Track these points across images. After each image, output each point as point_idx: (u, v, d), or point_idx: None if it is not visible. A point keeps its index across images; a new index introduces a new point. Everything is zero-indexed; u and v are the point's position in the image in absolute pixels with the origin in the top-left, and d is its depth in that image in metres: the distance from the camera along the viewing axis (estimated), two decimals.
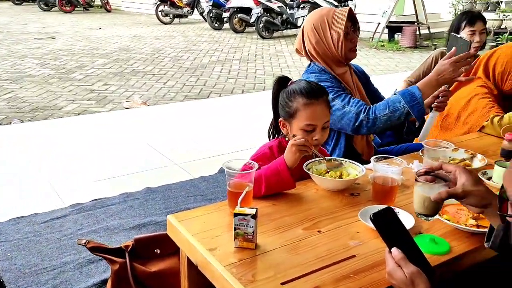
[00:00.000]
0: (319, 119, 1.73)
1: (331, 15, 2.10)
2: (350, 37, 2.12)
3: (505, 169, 1.73)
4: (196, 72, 7.32)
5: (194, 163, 3.54)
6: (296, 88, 1.74)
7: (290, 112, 1.74)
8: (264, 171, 1.61)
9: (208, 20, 12.92)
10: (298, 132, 1.73)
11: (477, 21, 3.14)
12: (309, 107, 1.71)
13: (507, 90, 2.41)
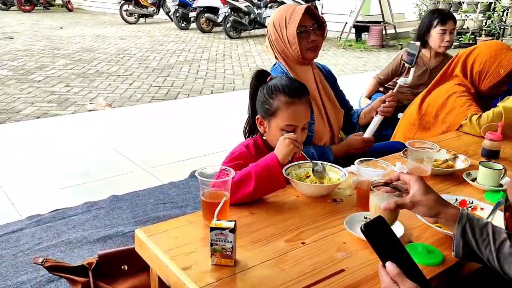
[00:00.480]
0: (300, 120, 1.63)
1: (290, 13, 2.03)
2: (307, 36, 2.03)
3: (490, 170, 1.69)
4: (163, 73, 7.11)
5: (163, 168, 3.37)
6: (278, 85, 1.63)
7: (270, 110, 1.63)
8: (253, 168, 1.49)
9: (174, 20, 12.67)
10: (277, 131, 1.63)
11: (448, 20, 3.16)
12: (291, 106, 1.61)
13: (484, 89, 2.37)
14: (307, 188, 1.56)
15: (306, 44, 2.03)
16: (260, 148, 1.71)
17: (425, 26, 3.21)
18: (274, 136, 1.64)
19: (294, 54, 2.04)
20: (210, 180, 1.36)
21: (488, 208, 1.45)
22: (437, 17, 3.16)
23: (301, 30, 2.01)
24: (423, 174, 1.64)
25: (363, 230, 1.04)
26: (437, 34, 3.16)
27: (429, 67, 3.28)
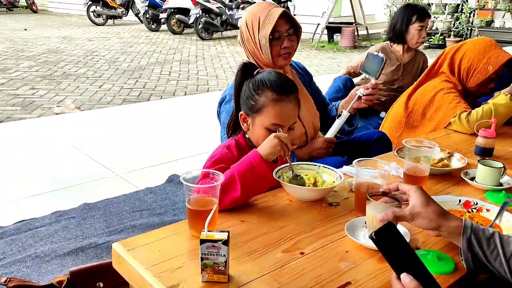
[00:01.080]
0: (287, 119, 1.51)
1: (265, 14, 1.90)
2: (281, 42, 1.91)
3: (490, 168, 1.61)
4: (134, 74, 6.88)
5: (138, 172, 3.18)
6: (266, 80, 1.50)
7: (256, 106, 1.50)
8: (236, 169, 1.36)
9: (144, 21, 12.38)
10: (261, 130, 1.50)
11: (426, 17, 3.16)
12: (279, 104, 1.48)
13: (471, 87, 2.32)
14: (301, 192, 1.44)
15: (279, 50, 1.92)
16: (242, 148, 1.57)
17: (404, 23, 3.17)
18: (258, 135, 1.52)
19: (265, 59, 1.94)
20: (197, 186, 1.22)
21: (494, 209, 1.36)
22: (414, 14, 3.14)
23: (275, 36, 1.89)
24: (421, 174, 1.55)
25: (374, 239, 0.93)
26: (416, 31, 3.16)
27: (402, 62, 3.29)
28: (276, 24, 1.86)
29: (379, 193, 1.22)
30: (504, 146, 2.00)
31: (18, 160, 3.41)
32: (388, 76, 3.27)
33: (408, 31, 3.17)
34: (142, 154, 3.54)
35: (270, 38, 1.87)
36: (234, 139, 1.61)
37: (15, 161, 3.39)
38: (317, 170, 1.56)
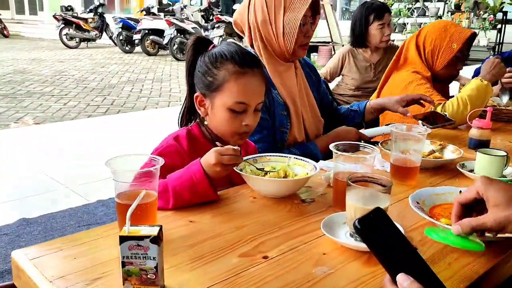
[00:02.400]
0: (253, 97, 1.23)
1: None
2: (306, 29, 1.64)
3: (492, 157, 1.37)
4: (103, 92, 6.58)
5: (90, 185, 2.86)
6: (225, 52, 1.23)
7: (215, 83, 1.22)
8: (172, 182, 1.09)
9: (118, 43, 12.13)
10: (223, 112, 1.23)
11: (385, 13, 2.93)
12: (243, 78, 1.21)
13: (440, 70, 2.14)
14: (267, 185, 1.16)
15: (302, 39, 1.63)
16: (196, 139, 1.29)
17: (361, 25, 2.93)
18: (220, 118, 1.25)
19: (285, 47, 1.62)
20: (127, 171, 0.93)
21: None
22: (371, 12, 2.91)
23: (304, 21, 1.60)
24: (411, 165, 1.29)
25: (358, 228, 0.66)
26: (376, 30, 2.91)
27: (372, 62, 3.06)
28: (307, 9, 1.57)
29: (360, 178, 0.96)
30: (502, 140, 1.78)
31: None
32: (359, 80, 3.05)
33: (369, 32, 2.92)
34: (96, 167, 3.21)
35: (301, 23, 1.58)
36: (187, 128, 1.33)
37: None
38: (288, 162, 1.29)
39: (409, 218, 1.06)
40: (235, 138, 1.26)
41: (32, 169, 3.22)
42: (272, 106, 1.62)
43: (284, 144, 1.66)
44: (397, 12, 9.52)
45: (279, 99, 1.64)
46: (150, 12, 12.52)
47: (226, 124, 1.24)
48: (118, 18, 12.16)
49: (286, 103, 1.65)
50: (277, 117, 1.63)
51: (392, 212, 1.09)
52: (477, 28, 8.91)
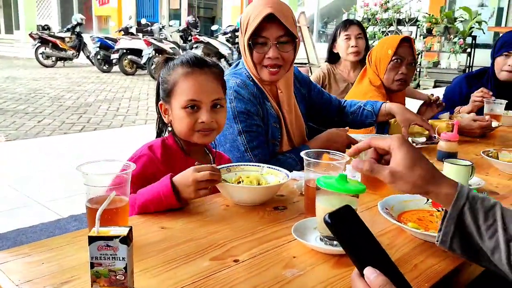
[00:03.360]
0: (204, 93, 1.27)
1: (255, 13, 1.54)
2: (266, 50, 1.56)
3: (458, 166, 1.41)
4: (79, 110, 6.51)
5: (63, 200, 2.80)
6: (177, 59, 1.31)
7: (168, 88, 1.28)
8: (140, 197, 1.11)
9: (95, 63, 12.05)
10: (179, 112, 1.27)
11: (351, 25, 2.99)
12: (190, 77, 1.26)
13: (386, 80, 2.24)
14: (240, 192, 1.17)
15: (261, 60, 1.57)
16: (169, 148, 1.32)
17: (332, 39, 3.01)
18: (178, 119, 1.28)
19: (249, 63, 1.61)
20: (95, 174, 0.93)
21: None
22: (339, 27, 2.99)
23: (257, 41, 1.55)
24: None
25: (329, 222, 0.68)
26: (343, 41, 2.93)
27: (349, 81, 3.10)
28: (261, 28, 1.52)
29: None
30: (467, 153, 1.84)
31: None
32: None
33: (337, 44, 2.98)
34: (70, 183, 3.17)
35: (249, 43, 1.54)
36: (162, 138, 1.35)
37: None
38: (261, 172, 1.31)
39: (379, 224, 1.08)
40: (196, 136, 1.29)
41: (2, 184, 3.14)
42: (266, 118, 1.64)
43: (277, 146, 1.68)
44: (372, 35, 9.77)
45: (272, 111, 1.66)
46: (129, 32, 12.53)
47: (183, 123, 1.27)
48: (96, 37, 12.11)
49: (278, 115, 1.68)
50: (270, 129, 1.65)
51: (363, 218, 1.09)
52: (448, 51, 9.21)
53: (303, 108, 1.84)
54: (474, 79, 2.68)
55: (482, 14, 9.49)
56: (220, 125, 1.32)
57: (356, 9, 10.77)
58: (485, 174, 1.56)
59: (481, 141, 2.07)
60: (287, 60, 1.59)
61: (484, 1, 10.25)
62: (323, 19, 14.27)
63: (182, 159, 1.31)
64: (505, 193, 1.37)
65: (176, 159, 1.30)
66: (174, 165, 1.27)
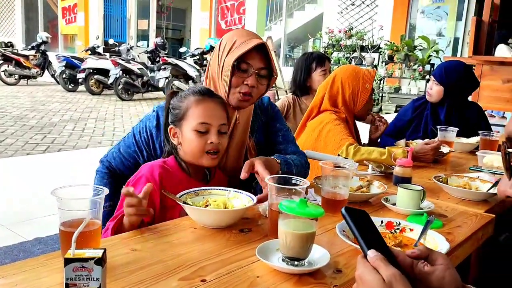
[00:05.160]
0: (214, 118, 1.45)
1: (242, 40, 1.58)
2: (246, 76, 1.58)
3: (410, 191, 1.52)
4: (43, 130, 6.40)
5: (27, 223, 2.77)
6: (189, 90, 1.52)
7: (180, 113, 1.47)
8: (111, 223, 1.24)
9: (60, 82, 11.88)
10: (191, 135, 1.44)
11: (326, 61, 3.15)
12: (202, 103, 1.46)
13: (359, 108, 2.40)
14: (207, 215, 1.24)
15: (240, 84, 1.58)
16: (168, 170, 1.44)
17: (304, 73, 3.08)
18: (189, 141, 1.46)
19: (222, 86, 1.60)
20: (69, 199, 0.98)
21: (417, 229, 1.25)
22: (314, 60, 3.09)
23: (242, 67, 1.57)
24: (340, 198, 1.42)
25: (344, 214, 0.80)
26: (319, 76, 3.06)
27: None
28: (248, 55, 1.56)
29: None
30: (421, 178, 1.96)
31: None
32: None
33: (312, 79, 3.06)
34: (35, 205, 3.13)
35: (234, 64, 1.55)
36: (163, 160, 1.50)
37: None
38: (228, 196, 1.38)
39: (337, 245, 1.16)
40: (205, 157, 1.45)
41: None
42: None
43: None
44: (337, 60, 10.09)
45: None
46: (96, 51, 12.45)
47: (194, 144, 1.44)
48: (61, 56, 11.96)
49: None
50: None
51: (322, 240, 1.20)
52: (409, 78, 9.61)
53: (261, 136, 1.81)
54: (418, 103, 2.95)
55: (439, 43, 9.98)
56: (223, 148, 1.49)
57: (321, 35, 11.13)
58: (436, 197, 1.68)
59: (434, 166, 2.21)
60: (259, 92, 1.63)
61: (442, 31, 10.79)
62: (290, 44, 14.62)
63: (185, 179, 1.45)
64: (453, 215, 1.48)
65: (177, 179, 1.43)
66: (175, 184, 1.40)
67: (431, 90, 2.79)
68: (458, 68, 2.74)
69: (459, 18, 10.53)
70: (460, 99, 2.79)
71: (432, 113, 2.81)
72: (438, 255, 0.79)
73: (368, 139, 2.58)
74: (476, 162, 2.28)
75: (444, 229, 1.34)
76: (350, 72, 2.38)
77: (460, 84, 2.71)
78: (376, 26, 10.74)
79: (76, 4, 16.84)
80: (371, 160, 2.09)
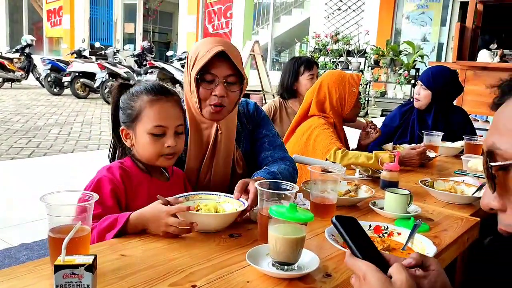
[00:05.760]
0: (170, 120, 1.37)
1: (205, 50, 1.52)
2: (213, 87, 1.53)
3: (397, 195, 1.54)
4: (28, 134, 6.32)
5: (12, 228, 2.73)
6: (141, 87, 1.40)
7: (133, 114, 1.37)
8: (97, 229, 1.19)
9: (45, 85, 11.73)
10: (145, 137, 1.36)
11: (314, 65, 3.19)
12: (157, 104, 1.36)
13: (347, 112, 2.42)
14: (198, 219, 1.23)
15: (208, 96, 1.54)
16: (127, 170, 1.38)
17: (292, 76, 3.12)
18: (143, 144, 1.37)
19: (193, 101, 1.57)
20: (58, 205, 0.97)
21: (405, 233, 1.27)
22: (302, 64, 3.13)
23: (206, 78, 1.53)
24: (329, 202, 1.43)
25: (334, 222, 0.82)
26: (307, 80, 3.10)
27: None
28: (212, 66, 1.51)
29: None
30: (408, 182, 1.99)
31: None
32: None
33: (299, 83, 3.10)
34: (20, 210, 3.09)
35: (197, 78, 1.51)
36: (119, 161, 1.42)
37: None
38: (218, 200, 1.38)
39: (326, 249, 1.17)
40: (161, 160, 1.38)
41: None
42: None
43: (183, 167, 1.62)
44: (323, 65, 10.16)
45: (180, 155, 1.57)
46: (82, 55, 12.33)
47: (149, 148, 1.36)
48: (46, 59, 11.83)
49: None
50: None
51: (312, 244, 1.21)
52: (394, 82, 9.72)
53: (248, 145, 1.78)
54: (405, 108, 2.98)
55: (424, 49, 10.11)
56: (180, 149, 1.41)
57: (308, 40, 11.20)
58: (423, 201, 1.70)
59: (420, 170, 2.24)
60: (232, 100, 1.58)
61: (426, 36, 10.94)
62: (277, 48, 14.69)
63: (145, 179, 1.39)
64: (439, 219, 1.50)
65: (136, 179, 1.38)
66: (136, 184, 1.36)
67: (418, 95, 2.82)
68: (445, 73, 2.79)
69: (443, 24, 10.70)
70: (446, 104, 2.84)
71: (418, 118, 2.85)
72: (431, 261, 0.81)
73: (358, 144, 2.60)
74: (461, 166, 2.32)
75: (431, 232, 1.36)
76: (336, 77, 2.40)
77: (446, 89, 2.76)
78: (362, 31, 10.84)
79: (61, 6, 16.68)
80: (359, 164, 2.11)
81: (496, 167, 0.66)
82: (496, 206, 0.69)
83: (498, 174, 0.67)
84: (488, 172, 0.67)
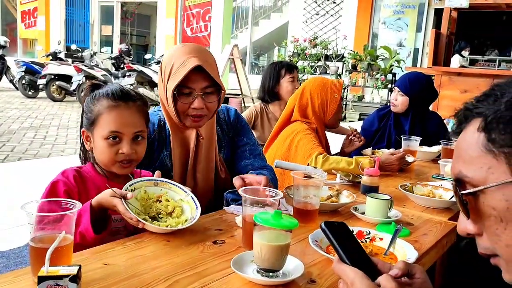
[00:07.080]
0: (126, 126, 1.35)
1: (179, 62, 1.52)
2: (191, 100, 1.55)
3: (378, 200, 1.57)
4: (2, 138, 6.17)
5: None
6: (102, 90, 1.38)
7: (92, 118, 1.36)
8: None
9: (20, 88, 11.46)
10: (101, 143, 1.34)
11: (294, 69, 3.25)
12: (114, 110, 1.34)
13: (329, 118, 2.45)
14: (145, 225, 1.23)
15: (186, 109, 1.56)
16: (82, 174, 1.37)
17: (273, 79, 3.16)
18: (99, 149, 1.36)
19: (171, 112, 1.59)
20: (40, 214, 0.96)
21: (387, 238, 1.29)
22: (282, 67, 3.18)
23: (183, 92, 1.54)
24: (311, 208, 1.44)
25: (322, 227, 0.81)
26: (288, 83, 3.15)
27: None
28: (188, 79, 1.51)
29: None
30: (387, 187, 2.02)
31: None
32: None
33: (280, 85, 3.14)
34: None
35: (174, 94, 1.52)
36: (78, 166, 1.42)
37: None
38: (184, 198, 1.37)
39: (310, 255, 1.18)
40: (116, 166, 1.36)
41: None
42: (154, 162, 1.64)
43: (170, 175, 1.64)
44: (302, 69, 10.24)
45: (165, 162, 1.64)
46: (57, 57, 12.10)
47: (104, 153, 1.34)
48: (21, 61, 11.57)
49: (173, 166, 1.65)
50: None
51: (295, 250, 1.21)
52: (372, 87, 9.86)
53: (229, 151, 1.80)
54: (382, 112, 3.04)
55: (400, 54, 10.29)
56: (139, 156, 1.39)
57: (287, 44, 11.27)
58: (403, 206, 1.73)
59: (400, 175, 2.27)
60: (211, 110, 1.60)
61: (402, 41, 11.14)
62: (256, 52, 14.72)
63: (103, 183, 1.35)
64: (419, 223, 1.53)
65: (93, 184, 1.36)
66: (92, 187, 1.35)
67: (396, 101, 2.87)
68: (421, 80, 2.85)
69: (419, 30, 10.91)
70: (423, 110, 2.90)
71: (395, 122, 2.90)
72: (416, 269, 0.82)
73: (340, 150, 2.63)
74: (439, 170, 2.36)
75: (411, 237, 1.39)
76: (318, 83, 2.42)
77: (422, 95, 2.82)
78: (340, 35, 10.98)
79: (36, 8, 16.36)
80: (339, 169, 2.13)
81: (466, 194, 0.67)
82: (472, 231, 0.70)
83: (470, 200, 0.68)
84: (460, 199, 0.69)
